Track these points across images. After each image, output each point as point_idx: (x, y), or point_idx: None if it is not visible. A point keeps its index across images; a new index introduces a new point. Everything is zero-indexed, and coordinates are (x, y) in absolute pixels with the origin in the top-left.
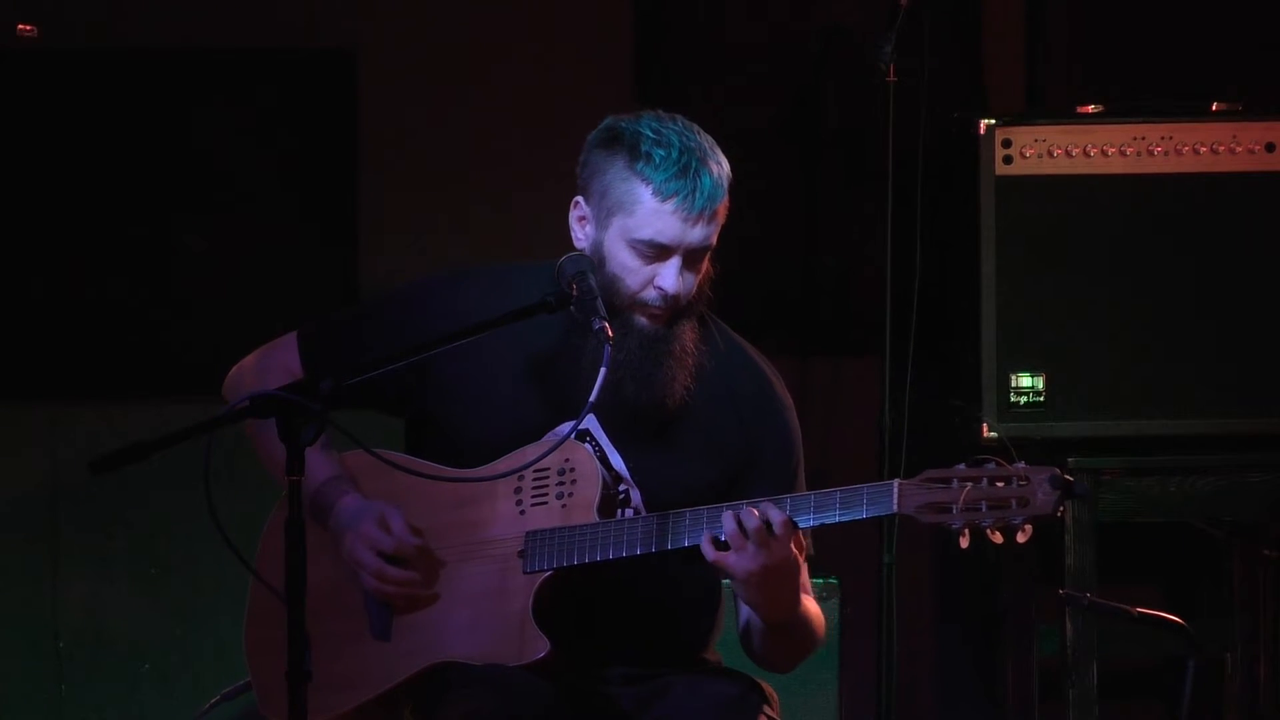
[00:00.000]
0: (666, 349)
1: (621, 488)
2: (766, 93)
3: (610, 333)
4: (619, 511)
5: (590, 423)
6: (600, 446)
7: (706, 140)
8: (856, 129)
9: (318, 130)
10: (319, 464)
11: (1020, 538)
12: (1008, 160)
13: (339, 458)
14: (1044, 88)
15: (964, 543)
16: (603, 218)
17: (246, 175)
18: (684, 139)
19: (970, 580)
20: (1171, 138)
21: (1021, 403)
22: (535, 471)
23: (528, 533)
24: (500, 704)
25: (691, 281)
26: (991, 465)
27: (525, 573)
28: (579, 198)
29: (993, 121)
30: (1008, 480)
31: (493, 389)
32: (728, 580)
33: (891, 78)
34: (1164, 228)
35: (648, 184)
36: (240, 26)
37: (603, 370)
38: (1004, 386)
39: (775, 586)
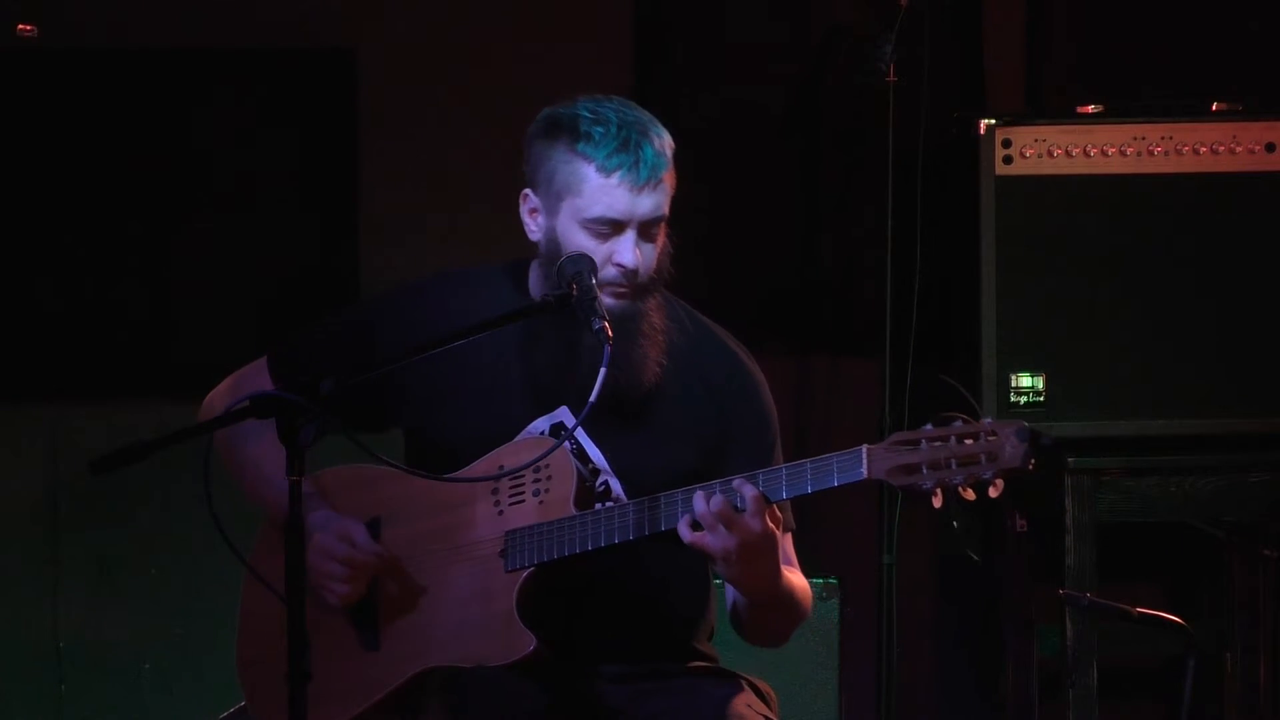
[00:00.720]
0: (636, 327)
1: (601, 480)
2: (766, 92)
3: (610, 332)
4: (600, 504)
5: (566, 416)
6: (577, 439)
7: (645, 115)
8: (856, 129)
9: (317, 130)
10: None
11: (992, 492)
12: (1008, 160)
13: (311, 477)
14: (1044, 88)
15: (937, 502)
16: (552, 204)
17: (246, 175)
18: (621, 115)
19: (970, 580)
20: (1171, 138)
21: (1021, 403)
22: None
23: (507, 532)
24: (485, 705)
25: (650, 254)
26: (958, 423)
27: (506, 571)
28: (526, 190)
29: (993, 121)
30: (975, 436)
31: (464, 391)
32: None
33: (891, 78)
34: (1164, 228)
35: (590, 161)
36: (240, 26)
37: (603, 370)
38: (1004, 386)
39: (752, 563)
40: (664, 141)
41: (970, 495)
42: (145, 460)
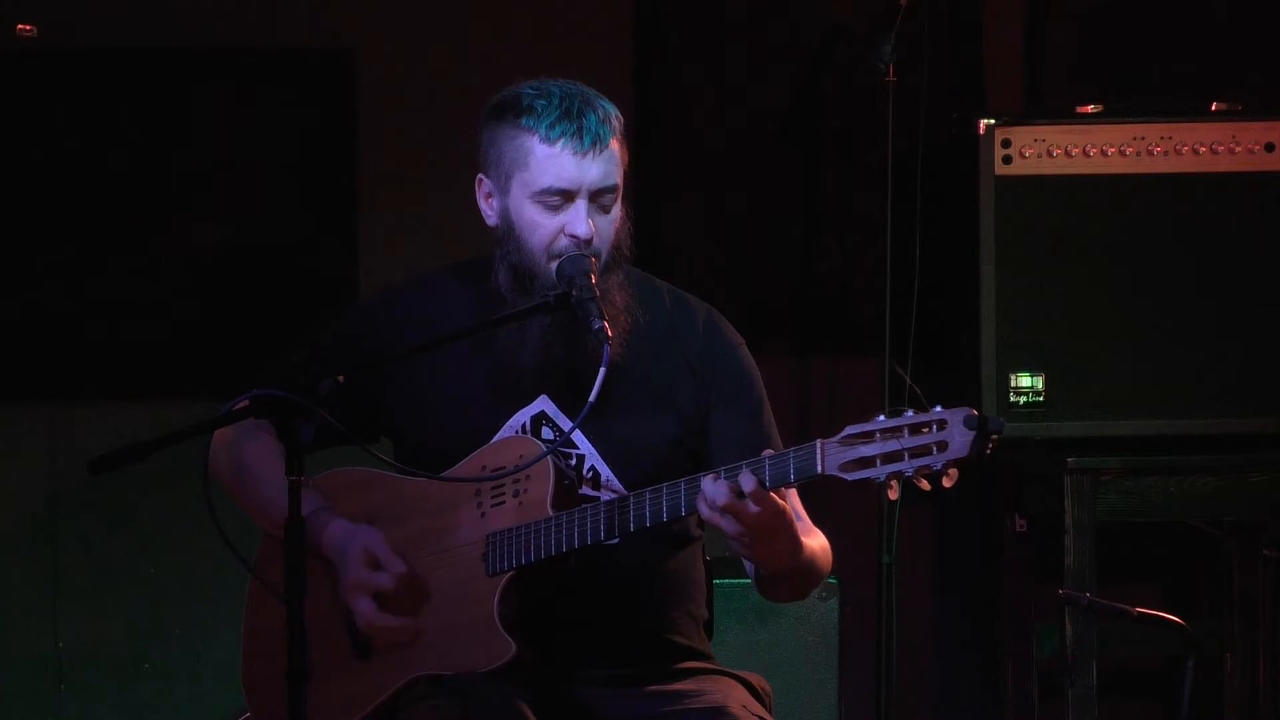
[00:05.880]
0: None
1: (588, 466)
2: (766, 93)
3: (610, 332)
4: (598, 496)
5: (546, 405)
6: (561, 428)
7: (591, 90)
8: (856, 129)
9: (318, 130)
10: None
11: (946, 483)
12: (1007, 160)
13: (314, 485)
14: (1044, 88)
15: (893, 495)
16: (503, 183)
17: (246, 175)
18: (564, 89)
19: (970, 580)
20: (1171, 138)
21: (1021, 403)
22: (493, 471)
23: (488, 535)
24: (470, 711)
25: (606, 227)
26: (909, 414)
27: (488, 575)
28: (480, 175)
29: (993, 121)
30: (927, 426)
31: (441, 393)
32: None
33: (891, 78)
34: (1164, 228)
35: (534, 133)
36: (240, 26)
37: (602, 371)
38: (1004, 386)
39: (767, 543)
40: (609, 113)
41: (925, 486)
42: (145, 460)
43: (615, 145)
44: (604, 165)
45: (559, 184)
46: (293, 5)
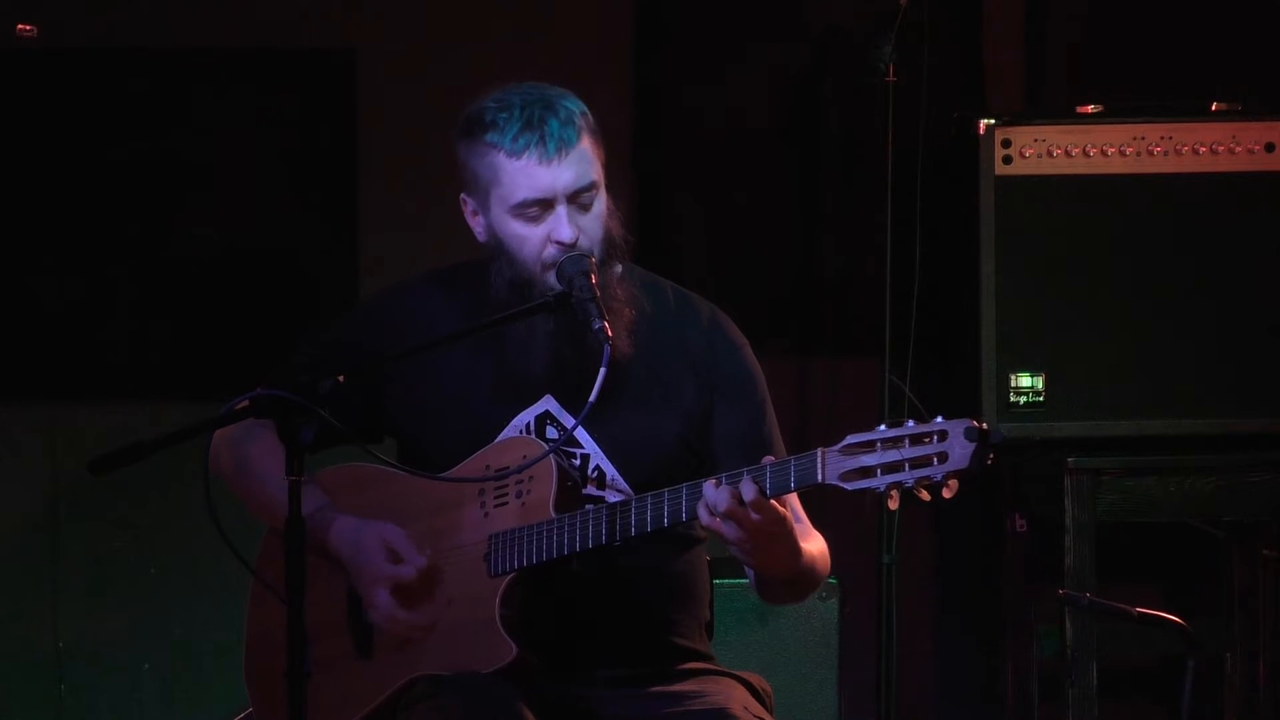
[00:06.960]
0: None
1: (593, 466)
2: (766, 93)
3: (610, 332)
4: (603, 495)
5: (550, 405)
6: (564, 426)
7: (555, 90)
8: (856, 129)
9: (318, 130)
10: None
11: (946, 494)
12: (1007, 160)
13: (316, 481)
14: (1044, 88)
15: (893, 504)
16: (483, 200)
17: (246, 176)
18: (525, 96)
19: (970, 580)
20: (1171, 138)
21: (1021, 403)
22: (497, 472)
23: (491, 535)
24: (472, 712)
25: (592, 225)
26: (910, 424)
27: (490, 576)
28: (463, 195)
29: (993, 121)
30: (928, 437)
31: (444, 395)
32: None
33: (891, 78)
34: (1164, 228)
35: (499, 149)
36: (240, 26)
37: (602, 371)
38: (1004, 386)
39: (768, 548)
40: (572, 112)
41: (926, 496)
42: (145, 460)
43: (585, 143)
44: (575, 167)
45: (533, 195)
46: (293, 5)
